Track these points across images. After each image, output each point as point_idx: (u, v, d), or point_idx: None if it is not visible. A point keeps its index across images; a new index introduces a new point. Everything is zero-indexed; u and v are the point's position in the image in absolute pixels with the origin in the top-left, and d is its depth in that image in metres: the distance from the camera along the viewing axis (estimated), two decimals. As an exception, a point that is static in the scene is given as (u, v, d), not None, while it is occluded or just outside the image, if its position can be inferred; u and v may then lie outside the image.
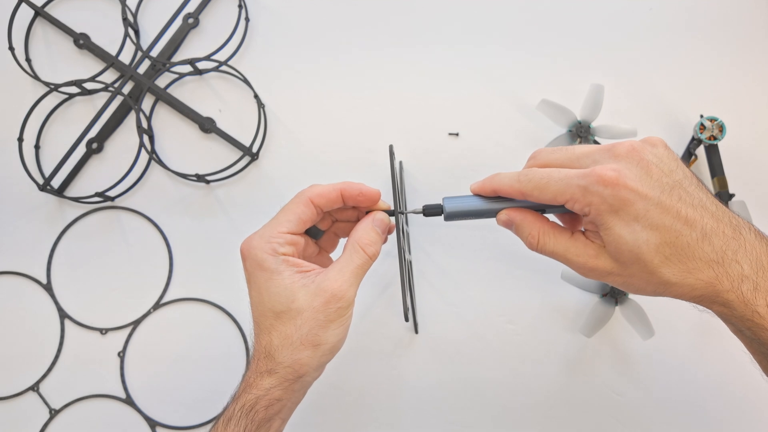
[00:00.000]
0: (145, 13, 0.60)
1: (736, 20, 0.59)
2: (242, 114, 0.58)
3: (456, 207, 0.40)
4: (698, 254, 0.35)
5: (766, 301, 0.35)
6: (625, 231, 0.36)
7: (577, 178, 0.36)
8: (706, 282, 0.35)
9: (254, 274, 0.41)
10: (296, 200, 0.42)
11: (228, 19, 0.59)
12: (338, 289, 0.40)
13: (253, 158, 0.57)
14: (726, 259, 0.35)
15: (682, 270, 0.36)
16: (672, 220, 0.36)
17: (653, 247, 0.36)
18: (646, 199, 0.36)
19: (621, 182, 0.36)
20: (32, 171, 0.56)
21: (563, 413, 0.54)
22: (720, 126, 0.54)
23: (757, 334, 0.35)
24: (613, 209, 0.36)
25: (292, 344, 0.39)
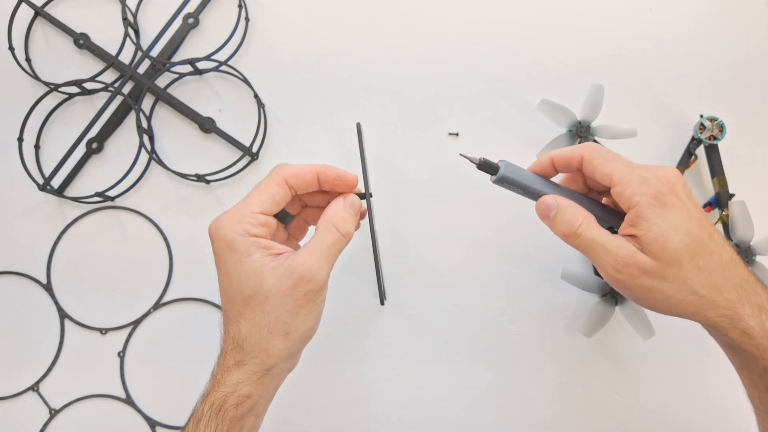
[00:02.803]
0: (145, 13, 0.60)
1: (736, 20, 0.59)
2: (242, 114, 0.58)
3: (511, 173, 0.39)
4: (727, 275, 0.37)
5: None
6: (672, 230, 0.36)
7: (639, 169, 0.38)
8: (730, 302, 0.36)
9: (223, 256, 0.38)
10: (270, 179, 0.40)
11: (228, 19, 0.59)
12: (307, 270, 0.37)
13: (253, 158, 0.57)
14: (748, 288, 0.37)
15: (712, 284, 0.37)
16: (707, 238, 0.37)
17: (691, 254, 0.36)
18: (689, 210, 0.37)
19: (675, 188, 0.37)
20: (32, 171, 0.56)
21: (563, 413, 0.54)
22: (720, 126, 0.54)
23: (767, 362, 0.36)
24: (664, 205, 0.36)
25: (260, 332, 0.37)
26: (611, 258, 0.37)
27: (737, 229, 0.50)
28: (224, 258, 0.38)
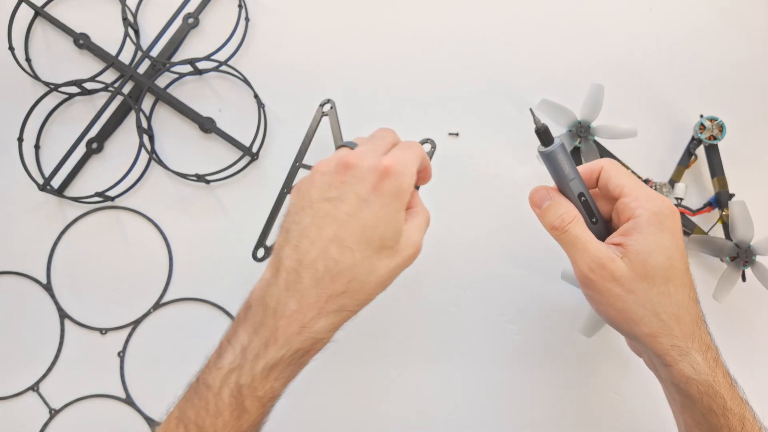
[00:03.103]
0: (145, 13, 0.60)
1: (737, 20, 0.59)
2: (242, 114, 0.58)
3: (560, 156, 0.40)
4: (689, 308, 0.39)
5: (722, 372, 0.39)
6: (658, 249, 0.38)
7: (646, 188, 0.40)
8: (684, 334, 0.38)
9: (389, 197, 0.37)
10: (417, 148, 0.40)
11: (228, 19, 0.59)
12: (419, 248, 0.39)
13: (254, 158, 0.57)
14: (702, 328, 0.39)
15: (674, 313, 0.38)
16: (684, 270, 0.39)
17: (666, 278, 0.38)
18: (679, 240, 0.39)
19: (675, 217, 0.39)
20: (32, 171, 0.56)
21: (563, 413, 0.54)
22: (720, 126, 0.54)
23: (714, 401, 0.38)
24: (660, 225, 0.38)
25: (377, 283, 0.38)
26: (589, 257, 0.39)
27: (737, 229, 0.50)
28: (388, 199, 0.37)
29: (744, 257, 0.50)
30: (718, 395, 0.38)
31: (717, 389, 0.38)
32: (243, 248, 0.56)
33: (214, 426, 0.36)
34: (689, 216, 0.54)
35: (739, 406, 0.39)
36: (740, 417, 0.38)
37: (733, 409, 0.38)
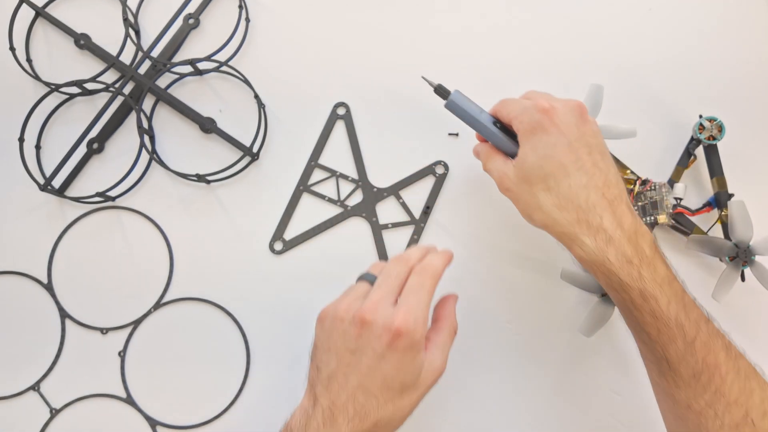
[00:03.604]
0: (145, 14, 0.60)
1: (736, 20, 0.60)
2: (243, 114, 0.58)
3: (459, 101, 0.48)
4: (572, 197, 0.42)
5: (615, 251, 0.41)
6: (530, 152, 0.44)
7: (525, 102, 0.45)
8: (568, 220, 0.42)
9: (402, 351, 0.40)
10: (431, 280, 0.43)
11: (228, 19, 0.59)
12: (443, 367, 0.43)
13: (254, 158, 0.57)
14: (593, 213, 0.42)
15: (555, 204, 0.42)
16: (570, 162, 0.42)
17: (542, 175, 0.43)
18: (560, 136, 0.43)
19: (549, 113, 0.44)
20: (33, 171, 0.56)
21: (562, 413, 0.54)
22: (719, 126, 0.54)
23: (610, 278, 0.41)
24: (533, 131, 0.44)
25: (402, 417, 0.42)
26: (495, 178, 0.47)
27: (736, 229, 0.51)
28: (402, 354, 0.40)
29: (743, 257, 0.51)
30: (611, 273, 0.41)
31: (609, 267, 0.41)
32: (243, 248, 0.56)
33: None
34: (688, 216, 0.54)
35: (638, 281, 0.40)
36: (639, 292, 0.40)
37: (630, 285, 0.41)
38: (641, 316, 0.41)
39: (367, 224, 0.56)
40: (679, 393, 0.41)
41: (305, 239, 0.56)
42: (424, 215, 0.56)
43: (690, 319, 0.41)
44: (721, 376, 0.39)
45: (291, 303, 0.55)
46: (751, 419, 0.38)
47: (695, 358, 0.40)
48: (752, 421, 0.38)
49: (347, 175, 0.57)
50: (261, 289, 0.56)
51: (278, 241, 0.56)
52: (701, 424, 0.40)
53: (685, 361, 0.40)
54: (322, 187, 0.57)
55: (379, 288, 0.43)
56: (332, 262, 0.56)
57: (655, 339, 0.41)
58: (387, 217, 0.56)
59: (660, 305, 0.40)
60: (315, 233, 0.56)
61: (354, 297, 0.44)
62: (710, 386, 0.39)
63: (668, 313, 0.40)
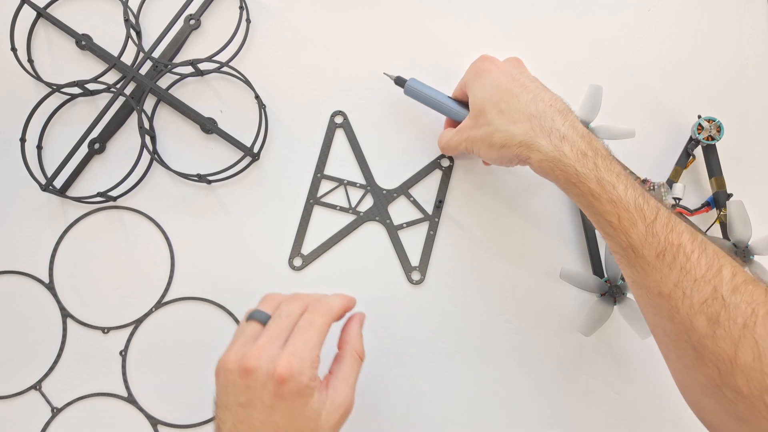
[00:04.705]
0: (146, 15, 0.60)
1: (735, 20, 0.60)
2: (243, 114, 0.58)
3: (416, 86, 0.54)
4: (523, 109, 0.45)
5: (570, 146, 0.43)
6: (479, 90, 0.48)
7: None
8: (524, 130, 0.44)
9: (291, 399, 0.39)
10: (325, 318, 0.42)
11: (229, 20, 0.59)
12: (350, 402, 0.41)
13: (255, 158, 0.57)
14: (544, 118, 0.44)
15: (509, 120, 0.45)
16: (514, 86, 0.47)
17: (493, 102, 0.46)
18: (501, 70, 0.48)
19: (490, 59, 0.50)
20: (35, 171, 0.56)
21: (562, 412, 0.54)
22: (718, 126, 0.54)
23: (567, 173, 0.42)
24: (477, 74, 0.49)
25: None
26: (455, 141, 0.51)
27: (735, 228, 0.51)
28: (291, 401, 0.39)
29: (742, 257, 0.51)
30: (567, 166, 0.42)
31: (565, 161, 0.42)
32: (244, 248, 0.56)
33: None
34: (687, 216, 0.54)
35: (593, 170, 0.42)
36: (597, 180, 0.41)
37: (587, 174, 0.42)
38: (601, 206, 0.41)
39: (381, 227, 0.56)
40: (648, 280, 0.40)
41: (323, 251, 0.56)
42: (436, 210, 0.56)
43: (649, 204, 0.41)
44: (686, 254, 0.39)
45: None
46: (721, 294, 0.37)
47: (657, 238, 0.39)
48: (722, 296, 0.37)
49: (355, 182, 0.57)
50: None
51: (297, 257, 0.56)
52: (672, 308, 0.38)
53: (647, 242, 0.40)
54: (331, 197, 0.57)
55: (268, 330, 0.41)
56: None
57: (617, 227, 0.41)
58: (400, 218, 0.57)
59: (617, 191, 0.41)
60: (332, 244, 0.56)
61: (243, 342, 0.41)
62: (675, 264, 0.39)
63: (626, 198, 0.41)
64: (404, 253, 0.56)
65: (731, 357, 0.36)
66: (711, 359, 0.37)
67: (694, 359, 0.38)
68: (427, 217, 0.56)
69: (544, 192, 0.57)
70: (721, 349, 0.36)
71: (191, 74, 0.58)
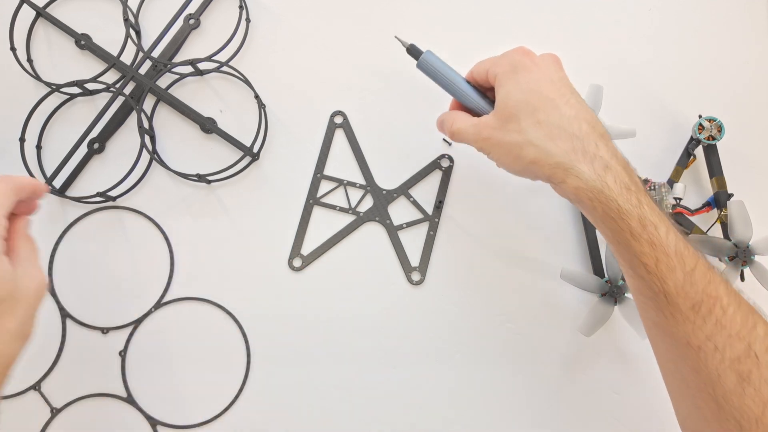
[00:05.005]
0: (146, 14, 0.60)
1: (736, 20, 0.60)
2: (243, 114, 0.58)
3: (430, 62, 0.48)
4: (565, 127, 0.40)
5: (613, 178, 0.39)
6: (515, 90, 0.42)
7: (505, 53, 0.45)
8: (563, 151, 0.40)
9: None
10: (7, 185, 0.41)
11: (229, 20, 0.59)
12: (44, 279, 0.42)
13: (254, 158, 0.57)
14: (587, 140, 0.40)
15: (547, 135, 0.41)
16: (555, 95, 0.42)
17: (531, 110, 0.41)
18: (543, 73, 0.43)
19: (530, 55, 0.44)
20: (34, 171, 0.56)
21: (562, 412, 0.54)
22: (719, 126, 0.54)
23: (608, 206, 0.39)
24: (514, 69, 0.43)
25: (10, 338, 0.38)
26: (470, 135, 0.45)
27: (736, 228, 0.51)
28: None
29: (742, 257, 0.51)
30: (609, 200, 0.39)
31: (607, 194, 0.39)
32: (243, 248, 0.56)
33: None
34: (688, 216, 0.54)
35: (637, 207, 0.39)
36: (639, 218, 0.38)
37: (630, 211, 0.38)
38: (639, 246, 0.38)
39: (381, 228, 0.56)
40: (678, 329, 0.38)
41: (323, 252, 0.56)
42: (436, 210, 0.56)
43: (689, 250, 0.39)
44: (722, 307, 0.37)
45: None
46: (755, 352, 0.36)
47: (695, 288, 0.37)
48: (755, 354, 0.36)
49: (354, 182, 0.57)
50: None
51: (297, 257, 0.56)
52: (700, 360, 0.37)
53: (684, 292, 0.37)
54: (331, 197, 0.57)
55: None
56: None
57: (653, 270, 0.38)
58: (400, 218, 0.56)
59: (659, 232, 0.38)
60: (331, 244, 0.56)
61: None
62: (710, 318, 0.37)
63: (667, 242, 0.38)
64: (404, 253, 0.56)
65: (758, 416, 0.35)
66: (734, 415, 0.36)
67: (715, 412, 0.37)
68: (427, 217, 0.56)
69: (545, 192, 0.57)
70: (747, 407, 0.35)
71: (191, 74, 0.58)
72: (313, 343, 0.55)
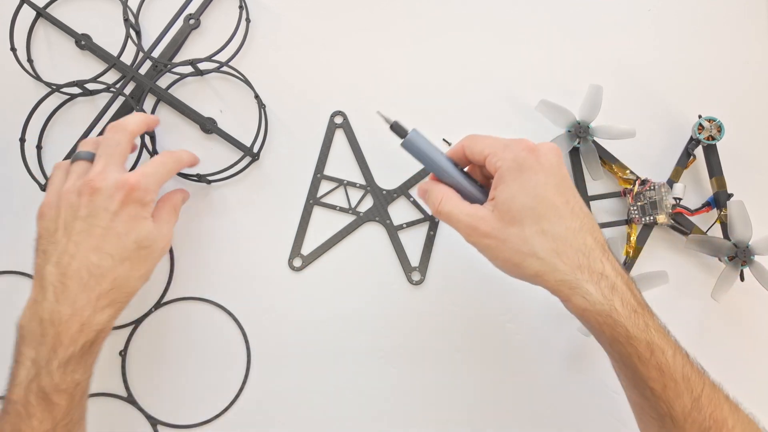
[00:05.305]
0: (146, 14, 0.60)
1: (735, 20, 0.60)
2: (243, 114, 0.58)
3: (416, 142, 0.44)
4: (571, 241, 0.38)
5: (621, 300, 0.38)
6: (519, 193, 0.39)
7: (505, 140, 0.42)
8: (569, 267, 0.38)
9: (135, 208, 0.45)
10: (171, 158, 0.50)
11: (229, 20, 0.59)
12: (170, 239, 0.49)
13: (254, 158, 0.57)
14: (592, 257, 0.38)
15: (552, 249, 0.38)
16: (561, 204, 0.39)
17: (535, 217, 0.39)
18: (549, 176, 0.40)
19: (535, 152, 0.40)
20: (34, 171, 0.56)
21: (562, 412, 0.54)
22: (718, 126, 0.54)
23: (615, 330, 0.38)
24: (520, 168, 0.40)
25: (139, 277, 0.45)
26: (463, 225, 0.42)
27: (736, 228, 0.51)
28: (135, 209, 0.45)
29: (742, 257, 0.51)
30: (618, 324, 0.38)
31: (615, 318, 0.37)
32: (243, 248, 0.56)
33: (30, 427, 0.39)
34: (688, 216, 0.54)
35: (645, 331, 0.38)
36: (647, 344, 0.38)
37: (638, 336, 0.37)
38: (646, 371, 0.38)
39: (381, 228, 0.56)
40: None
41: (323, 252, 0.56)
42: None
43: (695, 372, 0.38)
44: (729, 430, 0.38)
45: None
46: None
47: (702, 414, 0.37)
48: None
49: (354, 182, 0.57)
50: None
51: (297, 257, 0.56)
52: None
53: (691, 418, 0.37)
54: (331, 197, 0.57)
55: (102, 159, 0.45)
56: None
57: (660, 395, 0.38)
58: (400, 218, 0.56)
59: (667, 357, 0.38)
60: (332, 244, 0.56)
61: (76, 176, 0.45)
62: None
63: (675, 366, 0.38)
64: (404, 253, 0.56)
65: None
66: None
67: None
68: (427, 217, 0.56)
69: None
70: None
71: (191, 74, 0.58)
72: (313, 343, 0.55)
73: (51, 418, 0.40)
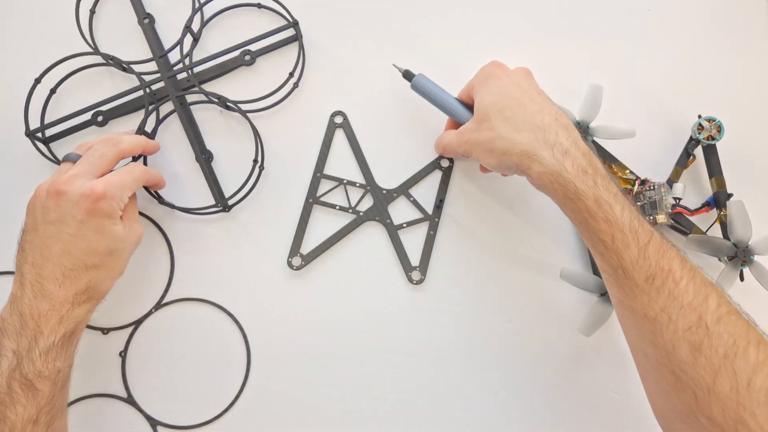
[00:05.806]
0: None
1: (735, 20, 0.60)
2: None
3: (422, 84, 0.54)
4: (528, 119, 0.45)
5: (571, 162, 0.43)
6: (486, 95, 0.48)
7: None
8: (528, 139, 0.44)
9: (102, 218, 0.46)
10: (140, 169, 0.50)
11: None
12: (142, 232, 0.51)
13: (225, 209, 0.56)
14: (548, 130, 0.44)
15: (513, 129, 0.45)
16: (523, 96, 0.46)
17: (499, 109, 0.46)
18: (511, 80, 0.48)
19: (501, 66, 0.50)
20: (33, 115, 0.56)
21: (562, 412, 0.54)
22: (718, 126, 0.54)
23: (566, 188, 0.43)
24: (486, 79, 0.49)
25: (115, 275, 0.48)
26: (455, 142, 0.50)
27: (735, 228, 0.51)
28: (101, 219, 0.46)
29: (742, 257, 0.51)
30: (568, 182, 0.42)
31: (565, 177, 0.42)
32: (244, 248, 0.56)
33: (15, 413, 0.41)
34: (687, 216, 0.54)
35: (593, 188, 0.42)
36: (594, 198, 0.42)
37: (585, 192, 0.42)
38: (596, 224, 0.42)
39: (381, 227, 0.56)
40: (635, 302, 0.40)
41: (323, 251, 0.56)
42: (437, 210, 0.56)
43: (643, 228, 0.41)
44: (675, 280, 0.39)
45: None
46: (705, 323, 0.38)
47: (648, 261, 0.40)
48: (706, 324, 0.38)
49: (354, 182, 0.57)
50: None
51: (296, 256, 0.56)
52: (656, 332, 0.39)
53: (638, 265, 0.40)
54: (331, 196, 0.57)
55: (80, 164, 0.47)
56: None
57: (610, 246, 0.41)
58: (400, 217, 0.57)
59: (614, 211, 0.41)
60: (331, 243, 0.56)
61: (56, 176, 0.47)
62: (663, 289, 0.39)
63: (622, 219, 0.41)
64: (404, 253, 0.56)
65: (709, 385, 0.36)
66: (689, 385, 0.37)
67: (673, 384, 0.38)
68: (427, 217, 0.56)
69: (544, 192, 0.57)
70: (700, 376, 0.37)
71: (216, 103, 0.57)
72: (312, 343, 0.55)
73: (35, 404, 0.42)
